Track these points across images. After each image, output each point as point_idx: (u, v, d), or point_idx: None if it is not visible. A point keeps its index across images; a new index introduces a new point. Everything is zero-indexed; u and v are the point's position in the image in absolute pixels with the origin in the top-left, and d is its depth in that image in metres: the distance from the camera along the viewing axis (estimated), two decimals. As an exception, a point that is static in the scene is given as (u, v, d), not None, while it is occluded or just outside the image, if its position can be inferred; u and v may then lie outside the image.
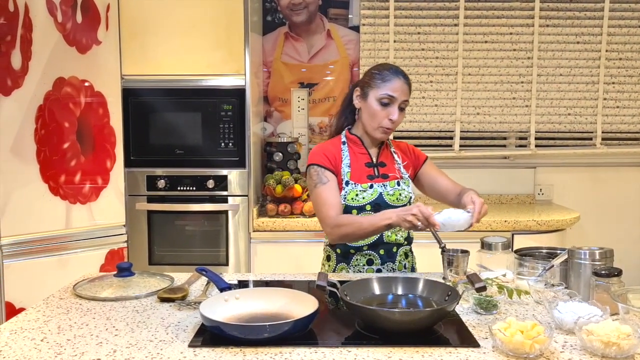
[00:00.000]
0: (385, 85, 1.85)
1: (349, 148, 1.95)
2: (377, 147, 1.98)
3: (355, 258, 1.92)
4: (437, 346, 1.28)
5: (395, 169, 1.97)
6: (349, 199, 1.88)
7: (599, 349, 1.21)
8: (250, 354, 1.24)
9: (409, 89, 1.89)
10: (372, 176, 1.93)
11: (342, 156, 1.93)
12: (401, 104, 1.87)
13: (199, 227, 3.04)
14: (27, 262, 2.62)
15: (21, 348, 1.29)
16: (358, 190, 1.89)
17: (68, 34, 2.69)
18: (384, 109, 1.86)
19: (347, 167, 1.91)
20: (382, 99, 1.85)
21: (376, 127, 1.88)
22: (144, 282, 1.75)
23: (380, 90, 1.85)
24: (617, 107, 3.49)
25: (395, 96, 1.85)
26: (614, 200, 3.58)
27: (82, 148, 2.77)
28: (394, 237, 1.92)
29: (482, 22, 3.42)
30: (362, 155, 1.95)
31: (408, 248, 1.99)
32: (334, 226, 1.82)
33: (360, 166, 1.93)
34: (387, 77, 1.86)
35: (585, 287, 1.59)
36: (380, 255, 1.92)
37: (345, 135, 1.98)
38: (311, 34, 3.49)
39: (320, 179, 1.88)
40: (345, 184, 1.90)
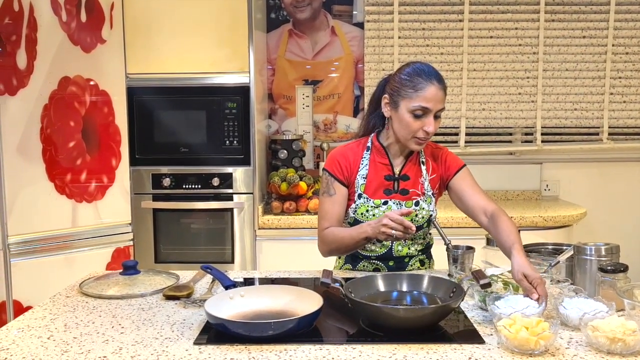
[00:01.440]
0: (418, 95, 1.67)
1: (370, 156, 1.82)
2: (404, 157, 1.83)
3: (362, 264, 1.87)
4: (442, 343, 1.28)
5: (418, 184, 1.82)
6: (358, 214, 1.79)
7: (605, 345, 1.20)
8: (255, 351, 1.24)
9: (444, 94, 1.70)
10: (389, 191, 1.80)
11: (359, 165, 1.81)
12: (437, 113, 1.70)
13: (205, 225, 3.05)
14: (34, 261, 2.64)
15: (28, 346, 1.30)
16: (369, 206, 1.78)
17: (73, 33, 2.70)
18: (418, 120, 1.69)
19: (362, 178, 1.80)
20: (415, 111, 1.68)
21: (410, 139, 1.73)
22: (150, 280, 1.75)
23: (413, 102, 1.68)
24: (623, 102, 3.46)
25: (430, 107, 1.67)
26: (621, 195, 3.56)
27: (88, 147, 2.78)
28: (406, 250, 1.84)
29: (487, 18, 3.41)
30: (383, 167, 1.81)
31: (424, 256, 1.90)
32: (319, 241, 1.83)
33: (379, 178, 1.80)
34: (419, 85, 1.68)
35: (591, 283, 1.59)
36: (388, 266, 1.84)
37: (372, 140, 1.84)
38: (315, 31, 3.49)
39: (327, 189, 1.81)
40: (358, 197, 1.80)
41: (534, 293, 1.37)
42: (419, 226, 1.80)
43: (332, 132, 3.55)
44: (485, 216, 1.75)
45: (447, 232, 1.89)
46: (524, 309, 1.32)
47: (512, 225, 1.66)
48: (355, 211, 1.80)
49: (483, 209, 1.76)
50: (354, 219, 1.81)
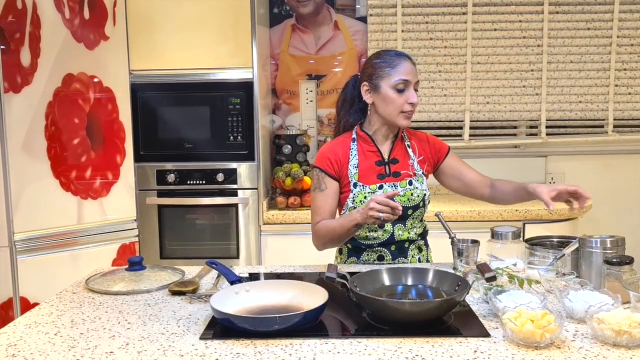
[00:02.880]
0: (396, 71, 1.80)
1: (358, 146, 1.89)
2: (390, 142, 1.91)
3: (365, 253, 1.90)
4: (447, 336, 1.28)
5: (408, 165, 1.90)
6: (357, 202, 1.83)
7: (610, 337, 1.20)
8: (261, 346, 1.24)
9: (416, 70, 1.86)
10: (382, 175, 1.86)
11: (349, 156, 1.87)
12: (415, 86, 1.82)
13: (209, 221, 3.05)
14: (40, 258, 2.65)
15: (35, 342, 1.31)
16: (367, 192, 1.84)
17: (76, 30, 2.70)
18: (402, 94, 1.80)
19: (354, 167, 1.86)
20: (397, 85, 1.79)
21: (397, 114, 1.82)
22: (155, 275, 1.76)
23: (393, 78, 1.79)
24: (629, 94, 3.44)
25: (409, 79, 1.80)
26: (627, 188, 3.54)
27: (92, 144, 2.78)
28: (406, 235, 1.88)
29: (490, 10, 3.39)
30: (372, 154, 1.89)
31: (422, 242, 1.95)
32: (313, 235, 1.87)
33: (370, 165, 1.87)
34: (394, 62, 1.81)
35: (596, 275, 1.58)
36: (391, 252, 1.89)
37: (356, 131, 1.91)
38: (318, 26, 3.48)
39: (319, 185, 1.87)
40: (353, 186, 1.85)
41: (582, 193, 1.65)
42: (415, 206, 1.86)
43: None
44: (487, 187, 1.92)
45: (451, 225, 1.89)
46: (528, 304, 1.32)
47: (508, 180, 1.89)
48: (353, 200, 1.84)
49: (483, 182, 1.93)
50: (353, 208, 1.83)
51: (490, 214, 2.94)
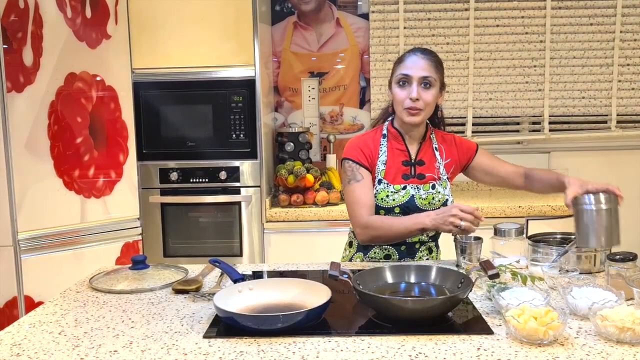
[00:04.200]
0: (400, 66, 1.81)
1: (388, 143, 1.87)
2: (418, 143, 1.88)
3: (373, 250, 1.89)
4: (451, 334, 1.28)
5: (434, 168, 1.88)
6: (378, 199, 1.82)
7: (614, 334, 1.20)
8: (264, 344, 1.25)
9: (430, 64, 1.78)
10: (407, 176, 1.85)
11: (379, 152, 1.85)
12: (423, 80, 1.77)
13: (213, 219, 3.06)
14: (44, 257, 2.66)
15: (40, 341, 1.31)
16: (389, 191, 1.82)
17: (78, 29, 2.70)
18: (403, 89, 1.79)
19: (382, 164, 1.84)
20: (399, 81, 1.79)
21: (401, 110, 1.80)
22: (159, 274, 1.76)
23: (396, 73, 1.81)
24: (632, 89, 3.43)
25: (410, 73, 1.77)
26: (630, 183, 3.53)
27: (95, 142, 2.79)
28: (418, 238, 1.87)
29: (493, 6, 3.38)
30: (400, 152, 1.87)
31: (433, 244, 1.94)
32: (364, 227, 1.79)
33: (397, 164, 1.85)
34: (402, 59, 1.82)
35: (593, 234, 1.55)
36: (400, 251, 1.88)
37: (387, 127, 1.90)
38: (320, 23, 3.48)
39: (354, 176, 1.82)
40: (378, 182, 1.83)
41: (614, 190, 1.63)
42: (435, 210, 1.82)
43: (339, 124, 3.54)
44: (521, 177, 1.91)
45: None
46: (531, 301, 1.31)
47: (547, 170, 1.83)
48: (375, 196, 1.82)
49: (517, 173, 1.92)
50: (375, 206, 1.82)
51: (493, 210, 2.93)
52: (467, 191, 3.48)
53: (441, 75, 1.84)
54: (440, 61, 1.84)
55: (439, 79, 1.82)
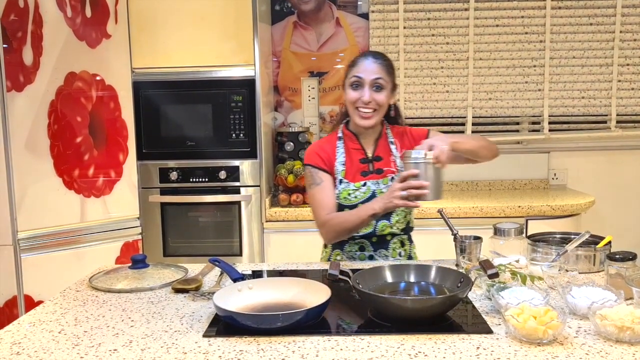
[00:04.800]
0: (352, 69, 1.87)
1: (344, 144, 1.93)
2: (373, 141, 1.94)
3: (348, 245, 1.94)
4: (450, 333, 1.28)
5: (391, 162, 1.93)
6: (341, 198, 1.88)
7: (613, 333, 1.20)
8: (264, 343, 1.25)
9: (381, 67, 1.85)
10: (366, 172, 1.91)
11: (336, 154, 1.92)
12: (374, 83, 1.83)
13: (212, 219, 3.06)
14: (43, 256, 2.66)
15: (40, 340, 1.32)
16: (350, 189, 1.88)
17: (78, 28, 2.70)
18: (355, 91, 1.85)
19: (341, 165, 1.90)
20: (352, 84, 1.85)
21: (353, 111, 1.87)
22: (159, 273, 1.77)
23: (349, 76, 1.87)
24: (631, 89, 3.43)
25: (362, 76, 1.83)
26: (630, 183, 3.53)
27: (95, 142, 2.79)
28: (389, 229, 1.91)
29: (492, 6, 3.38)
30: (357, 151, 1.93)
31: (405, 237, 1.97)
32: (323, 225, 1.88)
33: (355, 163, 1.92)
34: (354, 63, 1.88)
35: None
36: (372, 243, 1.93)
37: (342, 130, 1.96)
38: (320, 23, 3.48)
39: (314, 180, 1.90)
40: (339, 182, 1.90)
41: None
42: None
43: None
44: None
45: (454, 222, 1.89)
46: (530, 300, 1.32)
47: (481, 138, 1.90)
48: (338, 197, 1.89)
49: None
50: (338, 204, 1.88)
51: (492, 210, 2.94)
52: (467, 191, 3.48)
53: (392, 78, 1.90)
54: (391, 64, 1.91)
55: (390, 81, 1.88)
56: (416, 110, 3.47)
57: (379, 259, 1.92)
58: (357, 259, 1.92)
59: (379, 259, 1.92)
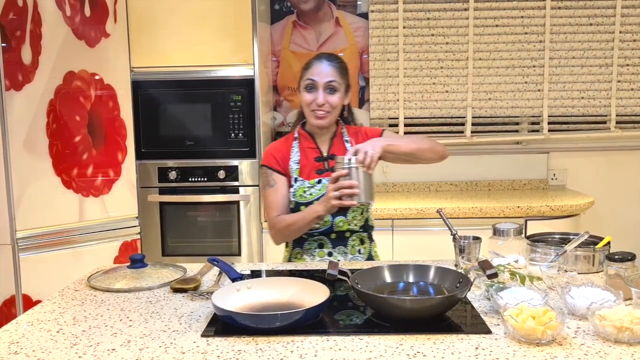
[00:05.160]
0: (306, 72, 1.91)
1: (299, 144, 1.97)
2: (328, 140, 1.98)
3: (307, 243, 1.95)
4: (449, 333, 1.28)
5: None
6: (297, 196, 1.91)
7: (612, 334, 1.20)
8: (262, 343, 1.24)
9: (335, 70, 1.89)
10: (321, 170, 1.94)
11: (291, 153, 1.96)
12: (328, 85, 1.87)
13: (211, 218, 3.06)
14: (42, 255, 2.66)
15: (38, 339, 1.31)
16: (306, 186, 1.91)
17: (77, 27, 2.70)
18: (310, 93, 1.89)
19: (295, 164, 1.94)
20: (306, 86, 1.90)
21: (309, 113, 1.91)
22: (157, 273, 1.76)
23: (303, 79, 1.91)
24: (631, 90, 3.43)
25: (316, 79, 1.88)
26: (629, 184, 3.54)
27: (94, 141, 2.79)
28: (346, 226, 1.92)
29: (492, 6, 3.38)
30: (312, 150, 1.97)
31: (365, 235, 1.99)
32: (271, 226, 1.93)
33: (310, 162, 1.95)
34: (309, 65, 1.91)
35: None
36: (331, 240, 1.94)
37: (298, 130, 2.00)
38: (319, 22, 3.47)
39: (268, 181, 1.95)
40: (295, 180, 1.93)
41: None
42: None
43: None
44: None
45: (453, 222, 1.88)
46: (529, 301, 1.31)
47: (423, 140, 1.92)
48: (294, 195, 1.92)
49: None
50: (295, 202, 1.91)
51: (492, 210, 2.93)
52: (466, 191, 3.48)
53: (346, 79, 1.94)
54: (345, 66, 1.94)
55: (343, 82, 1.92)
56: (415, 110, 3.47)
57: (337, 256, 1.94)
58: (317, 256, 1.94)
59: (337, 256, 1.94)
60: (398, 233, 2.97)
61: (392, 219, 2.94)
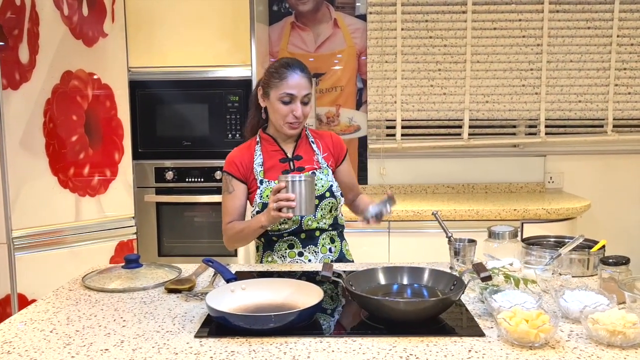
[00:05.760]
0: (282, 83, 1.86)
1: (262, 147, 1.96)
2: (293, 142, 1.97)
3: (277, 244, 1.95)
4: (442, 335, 1.28)
5: (313, 160, 1.96)
6: (264, 197, 1.89)
7: (605, 337, 1.20)
8: (255, 344, 1.24)
9: (308, 82, 1.89)
10: (287, 171, 1.93)
11: (254, 157, 1.95)
12: (303, 99, 1.87)
13: (208, 219, 3.05)
14: (38, 255, 2.65)
15: (31, 339, 1.31)
16: (272, 187, 1.88)
17: (75, 27, 2.70)
18: (287, 105, 1.87)
19: (259, 166, 1.93)
20: (282, 98, 1.86)
21: (283, 124, 1.89)
22: (152, 273, 1.76)
23: (280, 90, 1.86)
24: (628, 94, 3.44)
25: (295, 93, 1.85)
26: (626, 188, 3.54)
27: (90, 141, 2.78)
28: (316, 224, 1.92)
29: (490, 9, 3.39)
30: (276, 152, 1.96)
31: (334, 233, 1.99)
32: (223, 232, 1.95)
33: (275, 163, 1.95)
34: (284, 75, 1.86)
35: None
36: (301, 240, 1.94)
37: (260, 135, 1.99)
38: (317, 23, 3.48)
39: (227, 187, 1.96)
40: (260, 182, 1.91)
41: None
42: (321, 195, 1.91)
43: (335, 125, 3.54)
44: (352, 195, 2.07)
45: (450, 225, 1.89)
46: (523, 304, 1.32)
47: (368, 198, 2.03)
48: (261, 196, 1.91)
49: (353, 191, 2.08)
50: (262, 204, 1.90)
51: (488, 213, 2.94)
52: (463, 194, 3.48)
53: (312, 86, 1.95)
54: (310, 74, 1.94)
55: (312, 91, 1.94)
56: (413, 112, 3.47)
57: (308, 255, 1.93)
58: (287, 257, 1.94)
59: (308, 255, 1.93)
60: (394, 235, 2.97)
61: (388, 221, 2.94)
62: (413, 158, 3.52)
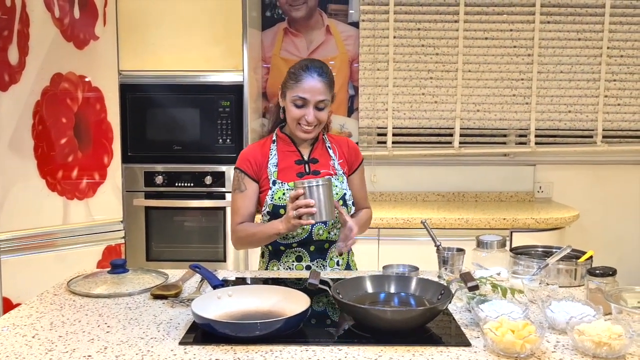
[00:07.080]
0: (297, 86, 1.81)
1: (277, 147, 1.92)
2: (309, 144, 1.93)
3: (285, 255, 1.91)
4: (429, 345, 1.27)
5: (329, 165, 1.92)
6: (276, 199, 1.85)
7: (590, 349, 1.20)
8: (241, 352, 1.23)
9: (326, 87, 1.83)
10: (302, 173, 1.89)
11: (269, 156, 1.90)
12: (318, 104, 1.82)
13: (197, 224, 3.04)
14: (24, 258, 2.62)
15: (12, 345, 1.29)
16: (285, 189, 1.85)
17: (66, 29, 2.68)
18: (299, 109, 1.82)
19: (273, 166, 1.88)
20: (295, 101, 1.82)
21: (295, 127, 1.85)
22: (138, 278, 1.75)
23: (293, 93, 1.82)
24: (618, 105, 3.47)
25: (307, 97, 1.80)
26: (615, 198, 3.56)
27: (80, 144, 2.76)
28: (326, 235, 1.88)
29: (482, 19, 3.41)
30: (292, 153, 1.91)
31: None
32: (232, 232, 1.91)
33: (290, 164, 1.90)
34: (299, 77, 1.82)
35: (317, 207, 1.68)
36: (310, 252, 1.90)
37: (277, 133, 1.95)
38: (310, 30, 3.48)
39: (238, 186, 1.90)
40: (272, 183, 1.87)
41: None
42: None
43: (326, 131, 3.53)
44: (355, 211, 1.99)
45: (439, 233, 1.89)
46: (509, 314, 1.31)
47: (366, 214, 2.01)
48: (272, 197, 1.86)
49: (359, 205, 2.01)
50: (272, 205, 1.86)
51: (477, 222, 2.94)
52: (453, 202, 3.49)
53: (333, 91, 1.88)
54: (332, 78, 1.87)
55: (331, 96, 1.87)
56: (404, 120, 3.48)
57: (316, 270, 1.88)
58: (294, 269, 1.90)
59: (316, 270, 1.88)
60: (384, 243, 2.97)
61: (378, 229, 2.94)
62: (404, 166, 3.53)
